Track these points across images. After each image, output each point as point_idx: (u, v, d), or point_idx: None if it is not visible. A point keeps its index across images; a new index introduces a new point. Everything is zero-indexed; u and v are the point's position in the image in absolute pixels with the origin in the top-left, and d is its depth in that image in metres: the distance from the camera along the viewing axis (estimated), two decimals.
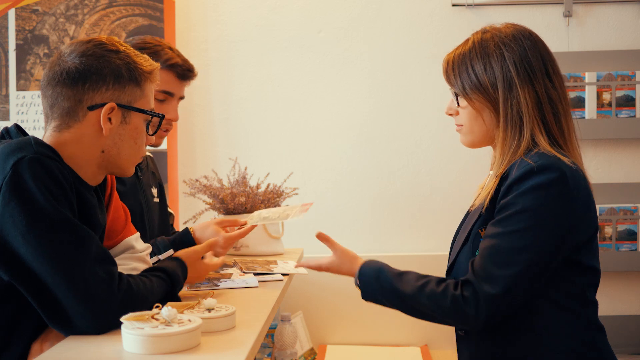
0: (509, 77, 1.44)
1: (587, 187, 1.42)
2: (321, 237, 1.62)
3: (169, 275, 1.47)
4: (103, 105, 1.40)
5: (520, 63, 1.44)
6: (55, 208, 1.27)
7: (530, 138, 1.43)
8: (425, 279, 1.44)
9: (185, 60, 2.04)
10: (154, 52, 1.92)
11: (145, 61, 1.47)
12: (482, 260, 1.37)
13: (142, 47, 1.88)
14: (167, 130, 2.05)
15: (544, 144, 1.41)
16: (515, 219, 1.35)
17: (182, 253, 1.62)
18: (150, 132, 1.50)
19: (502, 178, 1.42)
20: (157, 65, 1.50)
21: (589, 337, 1.42)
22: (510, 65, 1.44)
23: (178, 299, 1.49)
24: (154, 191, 2.11)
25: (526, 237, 1.34)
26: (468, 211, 1.61)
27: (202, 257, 1.70)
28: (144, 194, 2.02)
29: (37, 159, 1.28)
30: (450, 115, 1.57)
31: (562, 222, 1.36)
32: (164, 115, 1.51)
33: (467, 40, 1.54)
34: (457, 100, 1.52)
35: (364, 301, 1.57)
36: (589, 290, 1.44)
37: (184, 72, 2.03)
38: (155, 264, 1.58)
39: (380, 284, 1.50)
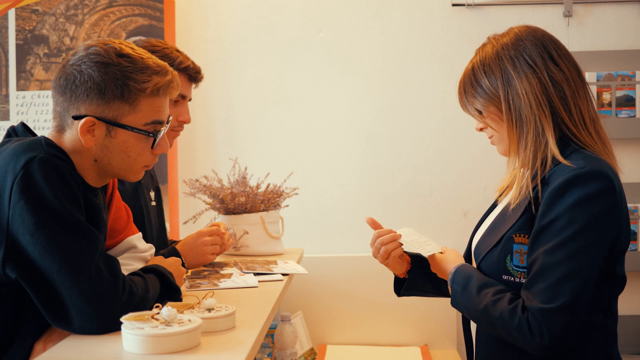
0: (506, 73, 1.41)
1: (623, 191, 1.38)
2: None
3: (160, 274, 1.47)
4: (85, 117, 1.38)
5: (517, 56, 1.41)
6: (65, 208, 1.28)
7: (558, 128, 1.39)
8: (500, 294, 1.36)
9: (194, 62, 2.04)
10: (164, 55, 1.91)
11: (147, 77, 1.40)
12: (537, 281, 1.31)
13: (150, 51, 1.87)
14: (177, 131, 2.04)
15: (552, 145, 1.37)
16: (565, 233, 1.29)
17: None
18: (154, 145, 1.45)
19: (542, 181, 1.37)
20: (167, 79, 1.44)
21: (607, 348, 1.40)
22: (507, 62, 1.42)
23: (179, 292, 1.49)
24: (152, 194, 2.11)
25: (579, 251, 1.29)
26: (495, 203, 1.58)
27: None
28: (144, 197, 2.02)
29: (48, 160, 1.29)
30: (481, 130, 1.53)
31: (610, 233, 1.32)
32: (155, 132, 1.44)
33: (472, 58, 1.51)
34: (480, 112, 1.48)
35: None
36: (613, 301, 1.43)
37: (195, 74, 2.04)
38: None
39: (467, 295, 1.43)
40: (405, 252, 1.63)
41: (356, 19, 2.97)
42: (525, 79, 1.40)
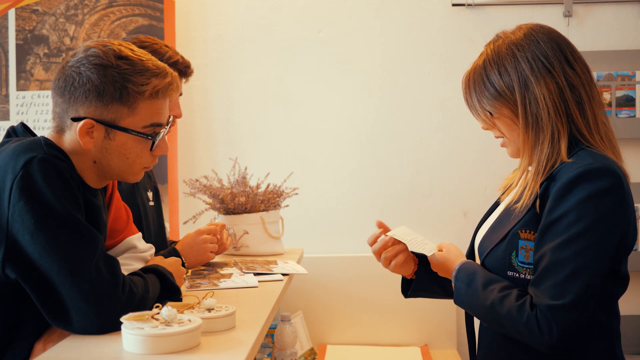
0: (523, 76, 1.38)
1: (630, 189, 1.36)
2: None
3: (160, 274, 1.47)
4: (83, 119, 1.38)
5: (534, 58, 1.38)
6: (65, 208, 1.28)
7: (569, 133, 1.37)
8: (507, 291, 1.35)
9: (183, 57, 2.04)
10: (153, 50, 1.90)
11: (146, 79, 1.39)
12: (545, 277, 1.29)
13: (138, 47, 1.87)
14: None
15: (563, 151, 1.35)
16: (574, 230, 1.28)
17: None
18: (153, 147, 1.45)
19: (548, 178, 1.35)
20: (166, 82, 1.42)
21: (612, 347, 1.41)
22: (524, 64, 1.38)
23: (179, 292, 1.49)
24: (149, 194, 2.11)
25: (587, 248, 1.27)
26: (497, 201, 1.57)
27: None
28: (141, 197, 2.02)
29: (47, 160, 1.29)
30: (487, 129, 1.50)
31: (618, 230, 1.31)
32: (154, 135, 1.43)
33: (482, 53, 1.47)
34: (491, 114, 1.44)
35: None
36: (616, 301, 1.42)
37: (184, 68, 2.04)
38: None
39: (471, 292, 1.41)
40: (412, 252, 1.61)
41: (356, 19, 2.97)
42: (543, 84, 1.37)
